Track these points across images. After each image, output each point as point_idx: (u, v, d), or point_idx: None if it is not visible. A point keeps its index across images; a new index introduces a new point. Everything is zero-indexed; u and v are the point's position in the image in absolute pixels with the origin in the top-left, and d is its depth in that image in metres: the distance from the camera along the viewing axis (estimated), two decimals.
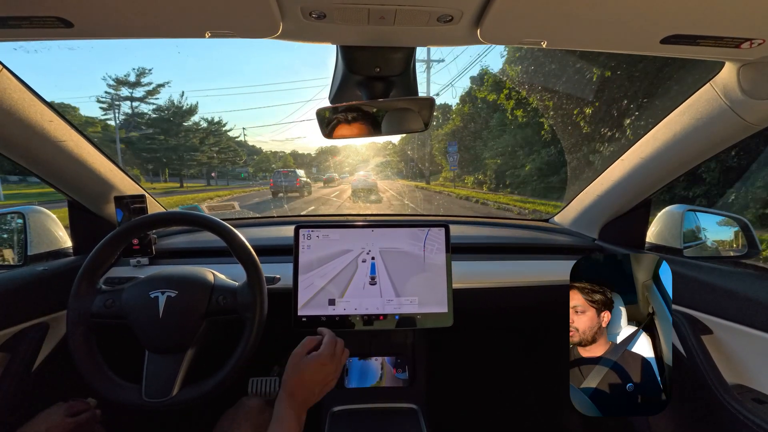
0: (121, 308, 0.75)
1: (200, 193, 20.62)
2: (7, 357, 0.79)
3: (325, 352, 0.66)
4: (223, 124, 34.30)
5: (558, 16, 0.54)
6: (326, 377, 0.66)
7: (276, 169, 24.93)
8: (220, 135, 33.63)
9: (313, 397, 0.64)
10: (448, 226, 0.92)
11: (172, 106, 28.57)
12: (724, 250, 1.09)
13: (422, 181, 27.00)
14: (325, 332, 0.74)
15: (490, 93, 14.59)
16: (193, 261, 1.09)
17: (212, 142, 32.04)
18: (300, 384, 0.62)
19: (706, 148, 0.86)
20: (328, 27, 0.60)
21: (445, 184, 22.29)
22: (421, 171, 30.54)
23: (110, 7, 0.51)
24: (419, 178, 30.72)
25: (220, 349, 0.89)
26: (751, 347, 0.77)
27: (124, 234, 0.79)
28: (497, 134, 16.63)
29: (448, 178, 22.56)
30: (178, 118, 28.79)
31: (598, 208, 1.19)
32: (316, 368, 0.64)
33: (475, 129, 19.67)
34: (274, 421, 0.58)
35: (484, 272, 1.09)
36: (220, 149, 33.61)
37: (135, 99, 27.54)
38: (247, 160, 43.71)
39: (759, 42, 0.59)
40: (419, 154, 28.50)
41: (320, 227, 0.92)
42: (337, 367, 0.68)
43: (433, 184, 23.96)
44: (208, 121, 32.95)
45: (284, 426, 0.57)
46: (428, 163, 23.34)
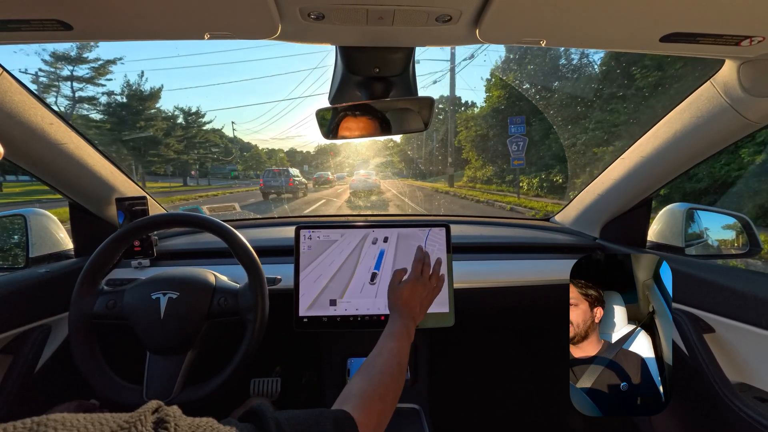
0: (123, 309, 0.76)
1: (162, 197, 16.29)
2: (10, 359, 0.79)
3: (411, 278, 0.75)
4: (202, 114, 28.95)
5: (557, 14, 0.54)
6: (421, 298, 0.73)
7: (266, 168, 22.01)
8: (195, 127, 28.08)
9: (418, 314, 0.72)
10: (449, 226, 0.92)
11: (129, 90, 22.98)
12: (725, 249, 1.09)
13: (440, 181, 21.76)
14: (418, 257, 0.81)
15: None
16: (195, 262, 1.09)
17: (180, 134, 26.26)
18: (402, 305, 0.70)
19: (707, 146, 0.86)
20: (326, 28, 0.60)
21: (479, 186, 16.85)
22: (424, 170, 27.60)
23: (109, 9, 0.51)
24: (426, 177, 27.11)
25: (221, 350, 0.89)
26: (753, 345, 0.76)
27: (125, 235, 0.79)
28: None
29: (478, 177, 17.71)
30: (137, 104, 23.00)
31: (599, 207, 1.19)
32: (410, 293, 0.72)
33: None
34: (387, 335, 0.63)
35: (486, 272, 1.09)
36: (197, 144, 28.60)
37: (78, 79, 21.03)
38: (237, 157, 39.75)
39: (759, 39, 0.59)
40: (431, 149, 24.67)
41: (321, 228, 0.92)
42: (430, 288, 0.76)
43: (457, 185, 18.78)
44: (184, 111, 27.90)
45: (396, 334, 0.63)
46: (451, 158, 17.46)
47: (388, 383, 0.55)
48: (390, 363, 0.58)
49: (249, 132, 73.04)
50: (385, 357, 0.59)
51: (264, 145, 65.38)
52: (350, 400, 0.50)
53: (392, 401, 0.55)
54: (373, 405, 0.50)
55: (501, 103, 15.48)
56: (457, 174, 19.97)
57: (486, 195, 12.92)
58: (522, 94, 14.11)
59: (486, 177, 17.19)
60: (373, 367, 0.57)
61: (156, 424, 0.28)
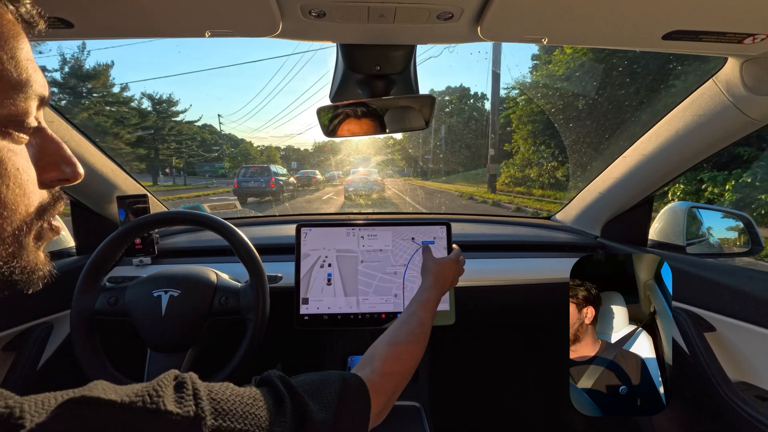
0: (125, 306, 0.76)
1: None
2: (13, 356, 0.80)
3: (451, 257, 0.79)
4: (174, 102, 24.55)
5: (559, 12, 0.54)
6: (453, 274, 0.78)
7: (243, 165, 17.73)
8: (164, 118, 23.81)
9: (448, 287, 0.76)
10: (449, 224, 0.92)
11: (66, 64, 18.54)
12: (727, 247, 1.09)
13: (456, 181, 17.84)
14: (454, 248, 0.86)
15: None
16: (196, 260, 1.10)
17: (136, 123, 21.48)
18: (439, 274, 0.74)
19: (709, 144, 0.86)
20: (327, 25, 0.59)
21: (540, 194, 11.76)
22: (433, 168, 24.29)
23: (110, 7, 0.51)
24: (430, 176, 23.94)
25: (222, 348, 0.89)
26: (754, 344, 0.76)
27: (127, 233, 0.79)
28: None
29: (531, 178, 12.92)
30: (74, 82, 18.85)
31: (600, 206, 1.19)
32: (448, 267, 0.76)
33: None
34: (418, 302, 0.65)
35: (487, 270, 1.09)
36: (168, 137, 24.24)
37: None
38: (223, 153, 35.23)
39: (762, 37, 0.59)
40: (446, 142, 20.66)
41: (322, 226, 0.92)
42: (459, 271, 0.80)
43: (499, 189, 13.82)
44: (153, 98, 23.49)
45: (426, 302, 0.65)
46: (494, 149, 12.42)
47: (411, 348, 0.56)
48: (417, 330, 0.59)
49: (251, 131, 72.39)
50: (413, 324, 0.60)
51: (260, 143, 61.26)
52: (369, 363, 0.50)
53: (412, 366, 0.55)
54: (393, 368, 0.51)
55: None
56: (467, 174, 16.73)
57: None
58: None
59: (548, 178, 12.30)
60: (399, 333, 0.57)
61: (176, 384, 0.31)
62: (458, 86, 16.40)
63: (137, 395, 0.27)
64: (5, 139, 0.25)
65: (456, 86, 16.27)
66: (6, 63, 0.24)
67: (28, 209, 0.28)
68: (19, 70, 0.25)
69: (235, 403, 0.32)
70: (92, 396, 0.25)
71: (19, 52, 0.25)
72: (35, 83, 0.27)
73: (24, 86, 0.25)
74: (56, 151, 0.30)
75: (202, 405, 0.29)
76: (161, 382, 0.30)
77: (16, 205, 0.26)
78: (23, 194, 0.27)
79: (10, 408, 0.22)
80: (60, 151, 0.31)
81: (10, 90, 0.25)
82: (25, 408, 0.22)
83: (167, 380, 0.30)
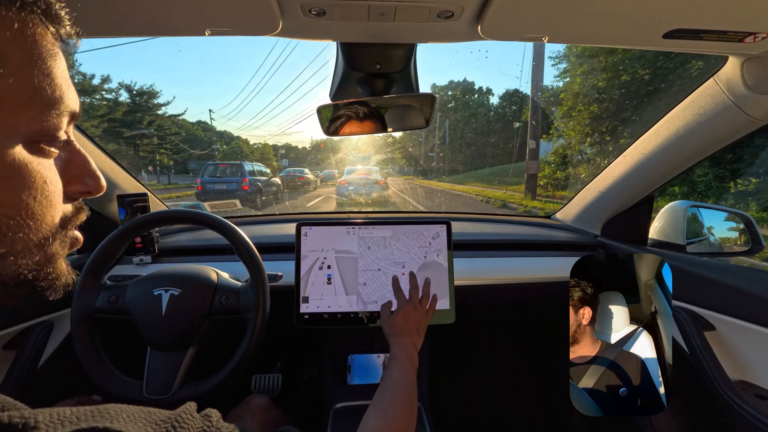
0: (125, 304, 0.76)
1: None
2: (13, 355, 0.80)
3: (401, 306, 0.77)
4: (156, 94, 22.62)
5: (559, 10, 0.54)
6: (417, 321, 0.75)
7: (208, 162, 15.01)
8: (143, 111, 21.65)
9: (417, 338, 0.73)
10: (449, 223, 0.92)
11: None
12: (727, 247, 1.09)
13: (468, 182, 14.97)
14: (397, 289, 0.84)
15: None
16: (196, 259, 1.10)
17: (102, 114, 19.67)
18: (399, 333, 0.71)
19: (709, 143, 0.85)
20: (327, 24, 0.59)
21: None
22: (435, 167, 22.90)
23: (109, 6, 0.51)
24: (428, 175, 22.47)
25: (222, 347, 0.89)
26: (753, 343, 0.76)
27: (127, 232, 0.79)
28: None
29: (577, 176, 9.73)
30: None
31: (601, 205, 1.19)
32: (403, 319, 0.73)
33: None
34: (391, 360, 0.64)
35: (487, 269, 1.09)
36: (148, 132, 22.02)
37: None
38: (215, 150, 32.98)
39: (763, 36, 0.59)
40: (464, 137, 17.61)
41: (322, 225, 0.92)
42: (423, 311, 0.77)
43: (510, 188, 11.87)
44: (130, 89, 21.50)
45: (400, 363, 0.64)
46: (534, 141, 9.37)
47: (401, 416, 0.54)
48: (400, 395, 0.58)
49: (249, 129, 71.90)
50: (392, 390, 0.59)
51: (256, 140, 57.96)
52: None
53: (409, 430, 0.55)
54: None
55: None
56: (466, 175, 13.70)
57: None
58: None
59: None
60: (383, 403, 0.56)
61: (201, 417, 0.31)
62: (461, 80, 15.17)
63: (158, 426, 0.27)
64: (36, 153, 0.27)
65: (458, 81, 14.93)
66: (42, 81, 0.25)
67: (53, 220, 0.29)
68: (53, 88, 0.26)
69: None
70: (113, 429, 0.24)
71: (55, 71, 0.27)
72: (68, 100, 0.28)
73: (57, 103, 0.27)
74: (82, 165, 0.32)
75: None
76: (181, 415, 0.29)
77: (42, 216, 0.27)
78: (49, 205, 0.28)
79: (25, 419, 0.22)
80: (85, 164, 0.32)
81: (44, 107, 0.26)
82: (39, 419, 0.22)
83: (188, 414, 0.30)
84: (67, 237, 0.32)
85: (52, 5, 0.26)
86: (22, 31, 0.25)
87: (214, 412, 0.33)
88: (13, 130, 0.25)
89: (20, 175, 0.25)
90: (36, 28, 0.25)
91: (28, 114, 0.25)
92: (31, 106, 0.25)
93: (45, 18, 0.26)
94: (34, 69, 0.25)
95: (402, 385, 0.60)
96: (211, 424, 0.30)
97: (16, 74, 0.24)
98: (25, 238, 0.27)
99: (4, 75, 0.24)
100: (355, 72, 0.75)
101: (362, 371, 1.06)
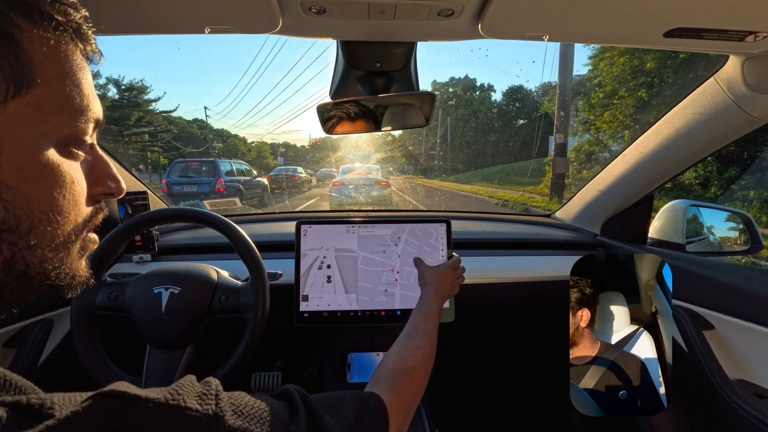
0: (125, 302, 0.76)
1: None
2: (13, 352, 0.80)
3: (447, 264, 0.80)
4: (146, 90, 21.69)
5: (560, 9, 0.54)
6: (451, 281, 0.78)
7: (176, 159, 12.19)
8: (130, 107, 20.48)
9: (446, 295, 0.76)
10: (449, 222, 0.92)
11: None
12: (727, 246, 1.09)
13: (474, 181, 13.24)
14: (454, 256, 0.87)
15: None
16: (196, 257, 1.10)
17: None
18: (438, 283, 0.74)
19: (709, 143, 0.85)
20: (328, 22, 0.59)
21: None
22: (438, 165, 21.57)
23: (109, 4, 0.51)
24: (429, 174, 21.53)
25: (221, 345, 0.89)
26: (752, 342, 0.77)
27: (127, 230, 0.79)
28: None
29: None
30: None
31: (600, 204, 1.19)
32: (445, 275, 0.77)
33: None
34: (421, 314, 0.66)
35: (486, 268, 1.09)
36: (130, 127, 20.57)
37: None
38: (210, 148, 30.35)
39: (764, 35, 0.59)
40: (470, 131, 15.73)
41: (322, 223, 0.92)
42: (457, 277, 0.81)
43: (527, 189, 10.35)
44: (117, 83, 20.35)
45: (431, 313, 0.66)
46: (563, 134, 8.07)
47: (421, 365, 0.55)
48: (423, 344, 0.59)
49: (250, 128, 71.44)
50: (419, 338, 0.59)
51: (254, 138, 55.88)
52: (381, 382, 0.50)
53: (424, 383, 0.55)
54: (405, 386, 0.50)
55: None
56: (469, 174, 12.02)
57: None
58: None
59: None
60: (406, 349, 0.57)
61: (198, 386, 0.33)
62: (462, 77, 14.00)
63: (159, 393, 0.29)
64: (66, 156, 0.30)
65: (460, 77, 13.89)
66: (72, 91, 0.29)
67: (77, 219, 0.32)
68: (81, 97, 0.30)
69: (252, 408, 0.34)
70: (119, 390, 0.26)
71: (84, 82, 0.30)
72: (94, 108, 0.31)
73: (85, 111, 0.30)
74: (104, 168, 0.35)
75: (222, 405, 0.31)
76: (181, 383, 0.32)
77: (68, 214, 0.30)
78: (75, 204, 0.31)
79: (41, 399, 0.24)
80: (107, 168, 0.35)
81: (74, 114, 0.29)
82: (54, 400, 0.24)
83: (188, 381, 0.33)
84: (88, 237, 0.35)
85: (81, 26, 0.31)
86: (57, 48, 0.28)
87: (214, 380, 0.35)
88: (48, 133, 0.28)
89: (53, 174, 0.29)
90: (68, 45, 0.29)
91: (60, 120, 0.28)
92: (63, 112, 0.29)
93: (75, 36, 0.30)
94: (66, 80, 0.29)
95: (428, 335, 0.61)
96: (211, 388, 0.33)
97: (51, 85, 0.28)
98: (53, 233, 0.30)
99: (41, 85, 0.27)
100: (355, 70, 0.75)
101: (362, 370, 1.06)
